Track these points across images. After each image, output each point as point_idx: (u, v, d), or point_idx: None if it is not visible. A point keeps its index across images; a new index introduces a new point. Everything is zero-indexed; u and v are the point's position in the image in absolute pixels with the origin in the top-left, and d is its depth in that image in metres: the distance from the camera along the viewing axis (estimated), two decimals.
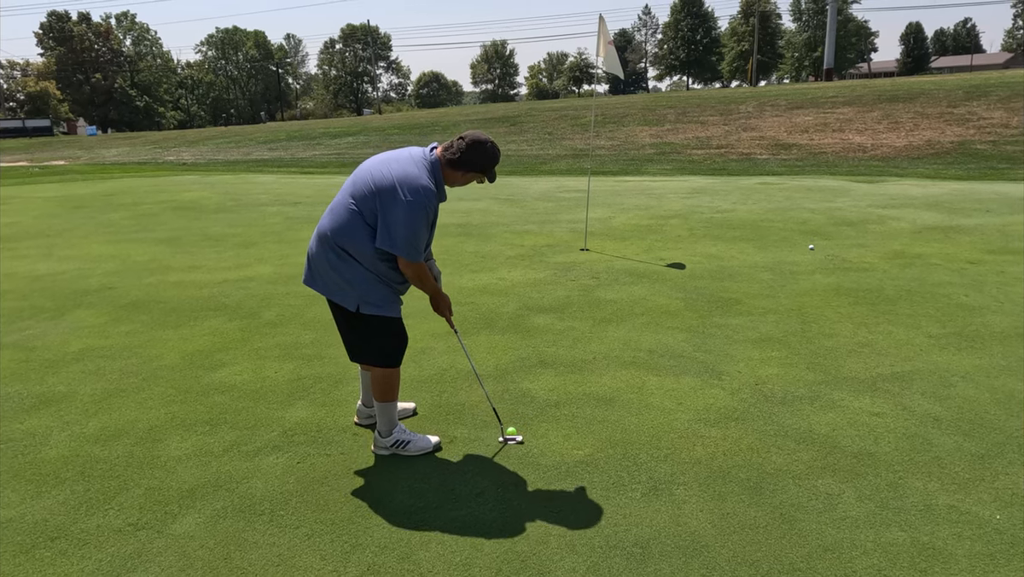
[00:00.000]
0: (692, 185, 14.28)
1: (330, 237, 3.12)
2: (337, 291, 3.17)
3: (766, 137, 21.84)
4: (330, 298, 3.23)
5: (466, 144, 3.08)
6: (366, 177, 3.07)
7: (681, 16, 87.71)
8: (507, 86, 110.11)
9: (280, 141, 30.78)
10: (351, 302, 3.14)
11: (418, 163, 3.07)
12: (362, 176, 3.10)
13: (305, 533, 2.80)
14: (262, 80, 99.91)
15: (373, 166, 3.11)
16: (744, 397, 3.95)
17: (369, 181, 3.05)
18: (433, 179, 3.06)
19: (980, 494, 2.96)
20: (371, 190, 3.02)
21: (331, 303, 3.26)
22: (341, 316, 3.26)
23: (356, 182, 3.10)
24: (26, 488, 3.17)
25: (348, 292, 3.14)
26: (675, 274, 6.75)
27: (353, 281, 3.11)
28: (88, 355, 4.85)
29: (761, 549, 2.64)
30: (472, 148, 3.08)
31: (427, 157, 3.11)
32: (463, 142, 3.09)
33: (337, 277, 3.13)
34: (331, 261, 3.13)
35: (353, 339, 3.31)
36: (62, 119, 70.55)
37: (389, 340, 3.25)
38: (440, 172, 3.11)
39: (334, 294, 3.19)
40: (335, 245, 3.11)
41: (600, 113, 28.80)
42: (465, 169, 3.11)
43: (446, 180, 3.14)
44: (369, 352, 3.29)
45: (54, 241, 9.45)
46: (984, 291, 5.92)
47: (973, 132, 19.48)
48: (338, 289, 3.16)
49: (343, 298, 3.16)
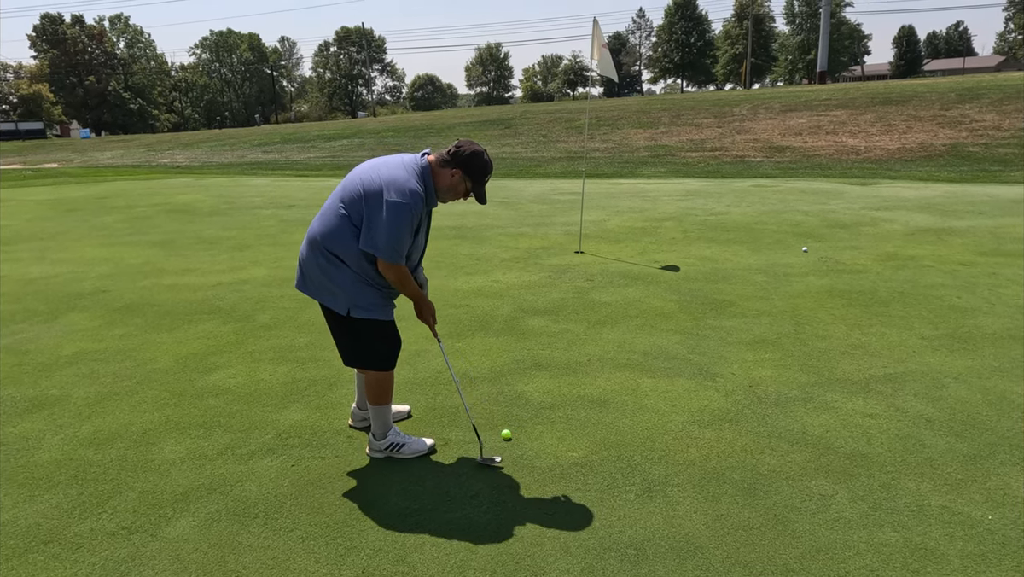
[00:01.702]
0: (686, 188, 14.32)
1: (319, 241, 3.12)
2: (328, 295, 3.16)
3: (760, 140, 21.92)
4: (322, 302, 3.23)
5: (461, 147, 3.09)
6: (355, 182, 3.08)
7: (675, 19, 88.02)
8: (502, 89, 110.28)
9: (274, 144, 30.74)
10: (342, 306, 3.14)
11: (408, 168, 3.07)
12: (352, 181, 3.10)
13: (299, 536, 2.80)
14: (256, 83, 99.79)
15: (363, 171, 3.11)
16: (738, 399, 3.96)
17: (358, 185, 3.05)
18: (422, 183, 3.05)
19: (972, 495, 2.97)
20: (359, 194, 3.03)
21: (323, 307, 3.25)
22: (333, 320, 3.26)
23: (346, 187, 3.11)
24: (19, 492, 3.16)
25: (339, 296, 3.13)
26: (669, 276, 6.76)
27: (343, 285, 3.11)
28: (81, 358, 4.84)
29: (755, 550, 2.64)
30: (466, 151, 3.08)
31: (418, 162, 3.11)
32: (458, 147, 3.10)
33: (327, 281, 3.13)
34: (321, 265, 3.12)
35: (346, 343, 3.30)
36: (55, 122, 70.25)
37: (381, 344, 3.25)
38: (431, 177, 3.09)
39: (325, 298, 3.18)
40: (324, 249, 3.10)
41: (594, 116, 28.85)
42: (455, 167, 3.07)
43: (436, 183, 3.12)
44: (362, 356, 3.29)
45: (47, 244, 9.42)
46: (976, 293, 5.95)
47: (965, 135, 19.58)
48: (329, 293, 3.16)
49: (334, 302, 3.16)
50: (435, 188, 3.11)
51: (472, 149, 3.09)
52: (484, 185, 3.15)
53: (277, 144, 30.59)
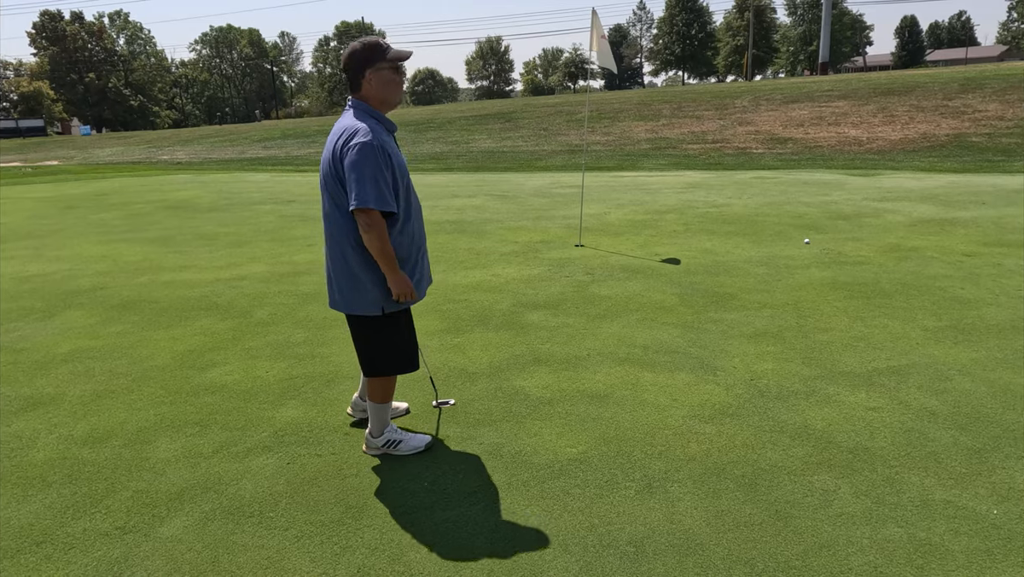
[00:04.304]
0: (687, 180, 14.25)
1: (331, 240, 3.07)
2: (357, 302, 3.07)
3: (761, 131, 21.82)
4: (351, 313, 3.12)
5: (351, 57, 2.99)
6: (324, 164, 3.03)
7: (676, 11, 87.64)
8: (502, 82, 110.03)
9: (275, 139, 30.68)
10: (375, 306, 3.07)
11: (347, 117, 3.02)
12: (322, 167, 3.06)
13: (295, 535, 2.77)
14: (257, 78, 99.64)
15: (324, 153, 3.07)
16: (739, 393, 3.92)
17: (327, 166, 3.00)
18: (365, 116, 2.98)
19: (977, 489, 2.93)
20: (330, 171, 2.97)
21: (350, 321, 3.18)
22: (361, 329, 3.16)
23: (322, 176, 3.06)
24: (12, 491, 3.13)
25: (367, 294, 3.05)
26: (670, 269, 6.71)
27: (366, 277, 3.02)
28: (78, 356, 4.81)
29: (756, 547, 2.60)
30: (355, 55, 2.98)
31: (350, 108, 3.05)
32: (346, 66, 3.01)
33: (352, 282, 3.04)
34: (339, 265, 3.05)
35: (371, 350, 3.20)
36: (56, 119, 70.22)
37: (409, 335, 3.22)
38: (364, 105, 3.01)
39: (354, 307, 3.08)
40: (337, 245, 3.04)
41: (595, 109, 28.74)
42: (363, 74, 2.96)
43: (371, 104, 3.02)
44: (391, 356, 3.20)
45: (44, 241, 9.38)
46: (980, 284, 5.90)
47: (968, 125, 19.47)
48: (357, 298, 3.06)
49: (365, 306, 3.06)
50: (375, 109, 3.02)
51: (354, 47, 3.00)
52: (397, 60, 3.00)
53: (277, 140, 30.53)
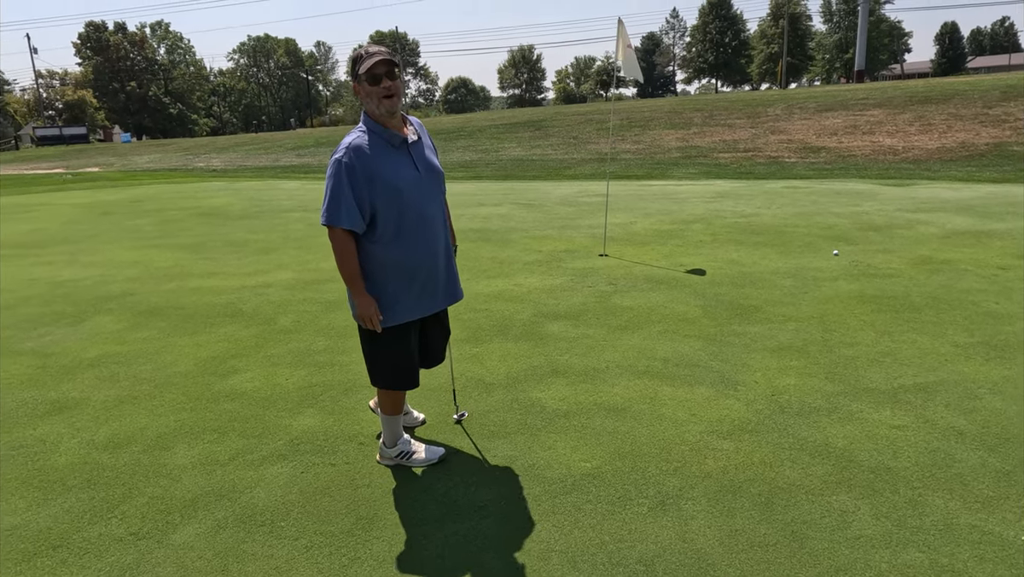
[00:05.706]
0: (716, 189, 14.10)
1: None
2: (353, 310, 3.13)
3: (794, 140, 21.52)
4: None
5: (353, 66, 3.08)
6: None
7: (709, 19, 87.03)
8: (534, 91, 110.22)
9: (308, 147, 31.08)
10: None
11: (350, 133, 3.08)
12: None
13: (304, 545, 2.77)
14: (293, 87, 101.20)
15: None
16: (759, 408, 3.84)
17: None
18: (360, 129, 3.03)
19: (1004, 513, 2.83)
20: None
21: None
22: (361, 338, 3.25)
23: None
24: (33, 495, 3.19)
25: None
26: (694, 280, 6.63)
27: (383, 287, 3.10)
28: (104, 361, 4.89)
29: (770, 569, 2.54)
30: (352, 70, 3.08)
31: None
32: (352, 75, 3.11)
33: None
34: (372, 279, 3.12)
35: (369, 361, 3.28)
36: (98, 126, 72.01)
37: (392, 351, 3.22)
38: (366, 116, 3.07)
39: (352, 314, 3.18)
40: None
41: (626, 117, 28.63)
42: (356, 85, 3.04)
43: (369, 115, 3.05)
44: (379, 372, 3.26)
45: (79, 247, 9.60)
46: (1014, 298, 5.72)
47: (1009, 133, 18.98)
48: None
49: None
50: (373, 118, 3.04)
51: (351, 68, 3.11)
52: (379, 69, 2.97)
53: (311, 147, 30.92)
